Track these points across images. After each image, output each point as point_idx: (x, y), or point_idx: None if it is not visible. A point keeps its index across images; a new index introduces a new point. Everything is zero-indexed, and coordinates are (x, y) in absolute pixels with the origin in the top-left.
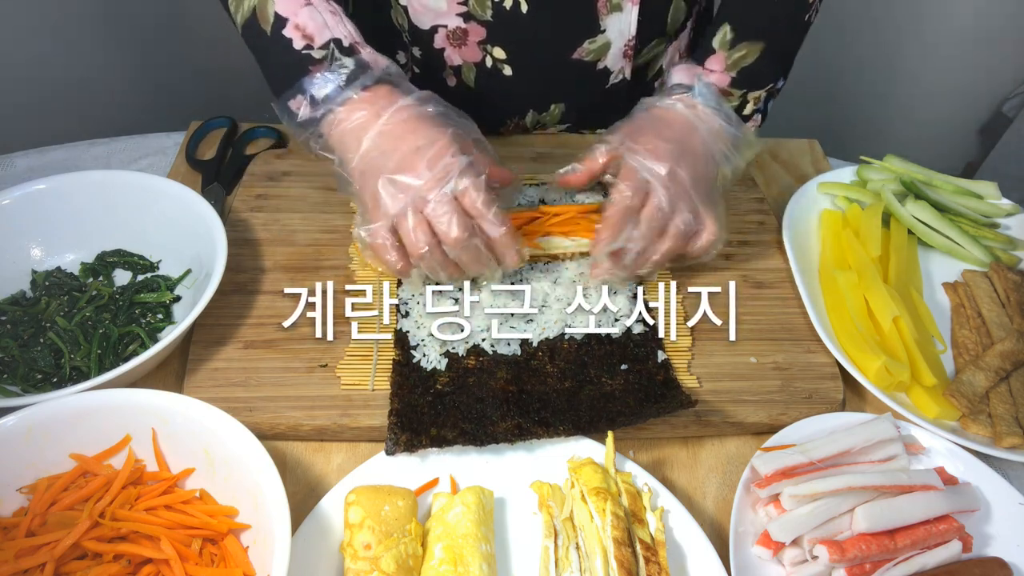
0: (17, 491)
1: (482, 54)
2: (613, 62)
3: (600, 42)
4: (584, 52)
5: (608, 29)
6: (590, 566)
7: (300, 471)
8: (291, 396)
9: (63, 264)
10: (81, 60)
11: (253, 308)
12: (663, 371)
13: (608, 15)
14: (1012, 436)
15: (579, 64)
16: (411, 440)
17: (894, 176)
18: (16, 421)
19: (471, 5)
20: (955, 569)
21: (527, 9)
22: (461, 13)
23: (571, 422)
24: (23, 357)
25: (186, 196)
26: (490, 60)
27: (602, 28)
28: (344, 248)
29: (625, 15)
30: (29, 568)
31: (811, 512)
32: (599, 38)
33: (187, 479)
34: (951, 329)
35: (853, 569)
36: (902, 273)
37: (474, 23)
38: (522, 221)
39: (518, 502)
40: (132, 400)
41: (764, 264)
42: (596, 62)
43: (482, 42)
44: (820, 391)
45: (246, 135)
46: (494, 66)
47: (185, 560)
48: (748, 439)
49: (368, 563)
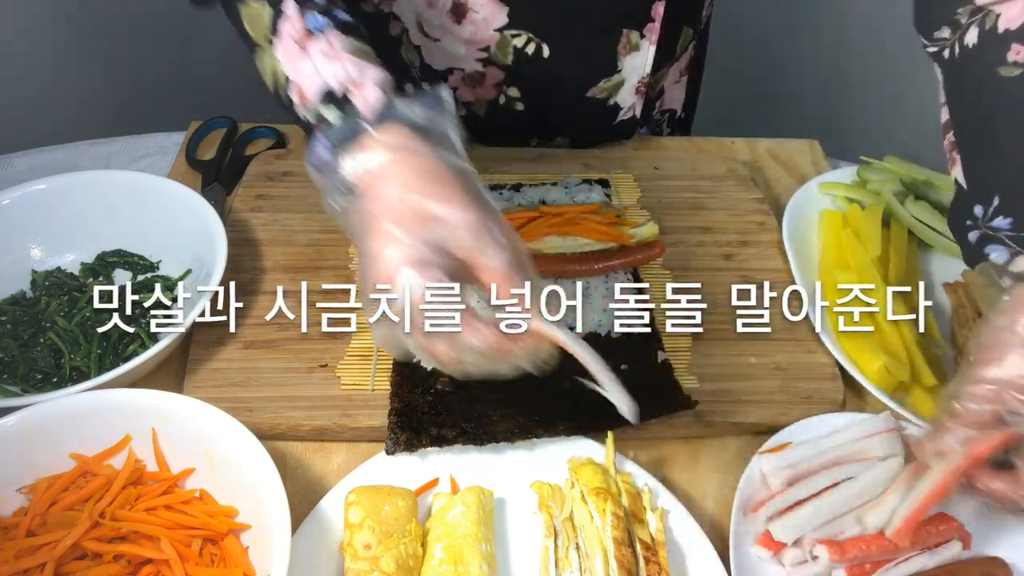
0: (17, 491)
1: (496, 92)
2: (624, 98)
3: (615, 80)
4: (598, 91)
5: (624, 68)
6: (590, 566)
7: (300, 471)
8: (291, 396)
9: (63, 264)
10: (81, 60)
11: (253, 308)
12: (663, 371)
13: (627, 55)
14: None
15: (591, 101)
16: (411, 440)
17: (894, 176)
18: (16, 421)
19: (492, 51)
20: (955, 569)
21: (548, 53)
22: (481, 59)
23: (571, 422)
24: (23, 357)
25: (186, 196)
26: (503, 98)
27: (619, 68)
28: (344, 248)
29: (642, 54)
30: (29, 568)
31: (812, 512)
32: (614, 77)
33: (187, 479)
34: (951, 329)
35: (853, 569)
36: (902, 273)
37: (493, 67)
38: (522, 221)
39: (518, 502)
40: (132, 400)
41: (764, 264)
42: (607, 99)
43: (498, 84)
44: (820, 391)
45: (246, 135)
46: (507, 103)
47: (185, 560)
48: (748, 439)
49: (368, 563)
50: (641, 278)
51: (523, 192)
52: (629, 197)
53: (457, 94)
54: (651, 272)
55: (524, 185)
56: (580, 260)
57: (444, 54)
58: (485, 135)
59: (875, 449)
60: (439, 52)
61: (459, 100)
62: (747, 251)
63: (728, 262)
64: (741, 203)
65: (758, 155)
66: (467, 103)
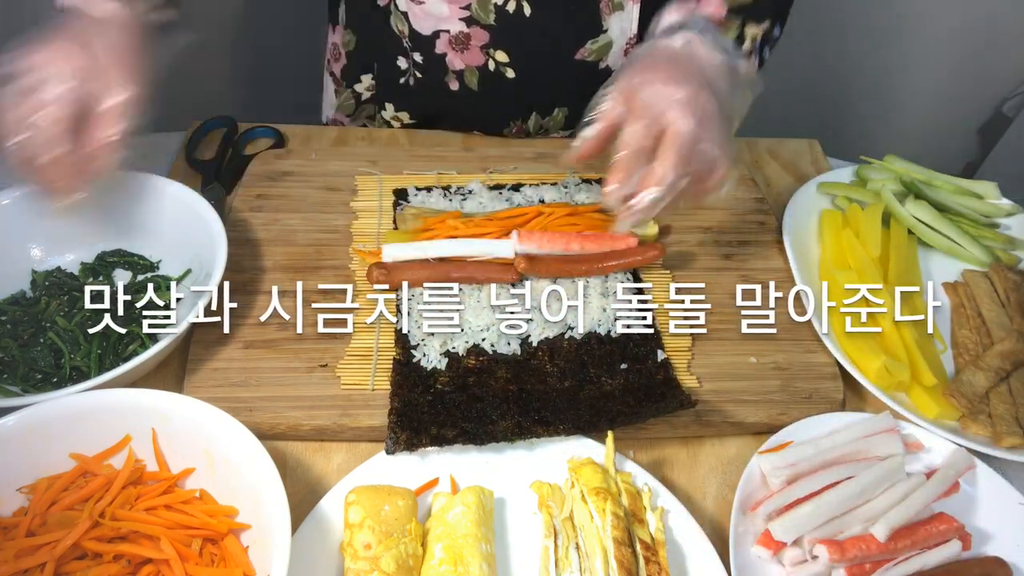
0: (17, 491)
1: (484, 58)
2: (615, 61)
3: (602, 41)
4: (587, 52)
5: (610, 28)
6: (590, 566)
7: (300, 471)
8: (291, 396)
9: (63, 264)
10: None
11: (253, 308)
12: (663, 371)
13: (611, 14)
14: (1012, 436)
15: (582, 65)
16: (411, 439)
17: (894, 176)
18: (16, 421)
19: (474, 9)
20: (955, 568)
21: (530, 12)
22: (463, 18)
23: (571, 421)
24: (23, 357)
25: (186, 196)
26: (492, 63)
27: (604, 28)
28: (344, 248)
29: (627, 13)
30: (29, 568)
31: (812, 512)
32: (601, 38)
33: (187, 479)
34: (951, 329)
35: (853, 569)
36: (902, 273)
37: (477, 27)
38: (522, 221)
39: (518, 502)
40: (132, 400)
41: (764, 264)
42: (598, 62)
43: (485, 46)
44: (820, 391)
45: (246, 135)
46: (496, 69)
47: (185, 560)
48: (748, 439)
49: (368, 563)
50: (641, 278)
51: (523, 192)
52: None
53: (447, 61)
54: (651, 272)
55: (524, 185)
56: (580, 260)
57: (429, 16)
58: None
59: (875, 449)
60: (424, 15)
61: (450, 69)
62: (747, 251)
63: (728, 262)
64: (741, 203)
65: (758, 155)
66: (459, 73)
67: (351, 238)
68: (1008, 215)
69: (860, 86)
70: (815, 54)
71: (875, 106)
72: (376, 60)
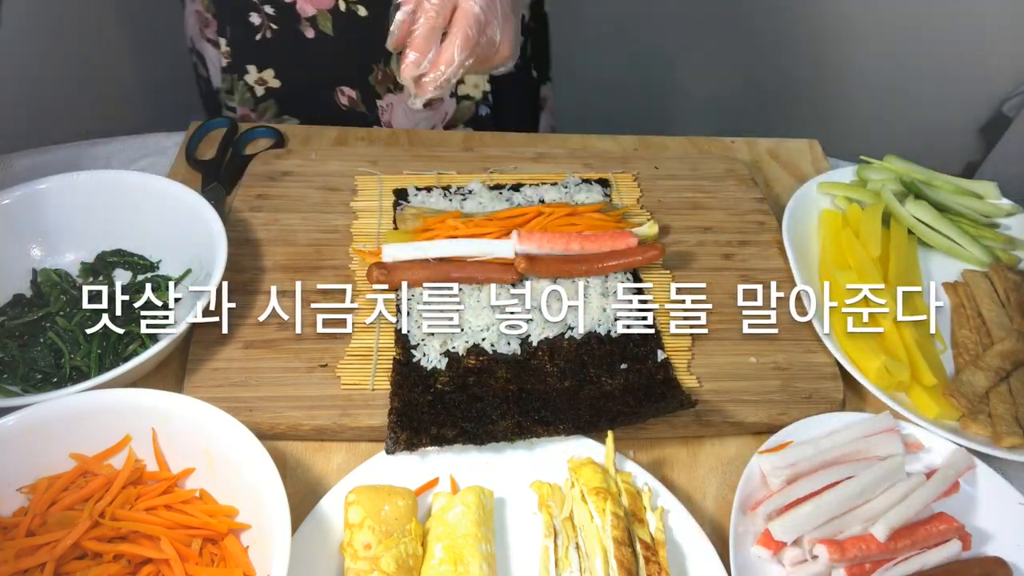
0: (17, 491)
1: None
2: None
3: None
4: None
5: None
6: (590, 566)
7: (300, 471)
8: (291, 396)
9: (63, 264)
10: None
11: (252, 308)
12: (663, 371)
13: None
14: (1012, 436)
15: None
16: (411, 439)
17: (894, 176)
18: (16, 421)
19: None
20: (955, 568)
21: None
22: None
23: (571, 421)
24: (23, 357)
25: (186, 196)
26: (343, 3)
27: None
28: (344, 248)
29: None
30: (29, 568)
31: (812, 512)
32: None
33: (187, 479)
34: (951, 329)
35: (853, 569)
36: (902, 273)
37: None
38: (522, 221)
39: (518, 502)
40: (132, 400)
41: (764, 264)
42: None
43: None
44: (820, 391)
45: (246, 135)
46: (348, 9)
47: (185, 560)
48: (748, 439)
49: (368, 563)
50: (642, 278)
51: (523, 192)
52: (629, 197)
53: (298, 8)
54: (651, 272)
55: (524, 185)
56: (580, 260)
57: None
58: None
59: (875, 449)
60: None
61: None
62: (747, 251)
63: (728, 262)
64: (741, 203)
65: (758, 155)
66: (312, 19)
67: (351, 238)
68: (1008, 215)
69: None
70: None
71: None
72: (229, 23)
